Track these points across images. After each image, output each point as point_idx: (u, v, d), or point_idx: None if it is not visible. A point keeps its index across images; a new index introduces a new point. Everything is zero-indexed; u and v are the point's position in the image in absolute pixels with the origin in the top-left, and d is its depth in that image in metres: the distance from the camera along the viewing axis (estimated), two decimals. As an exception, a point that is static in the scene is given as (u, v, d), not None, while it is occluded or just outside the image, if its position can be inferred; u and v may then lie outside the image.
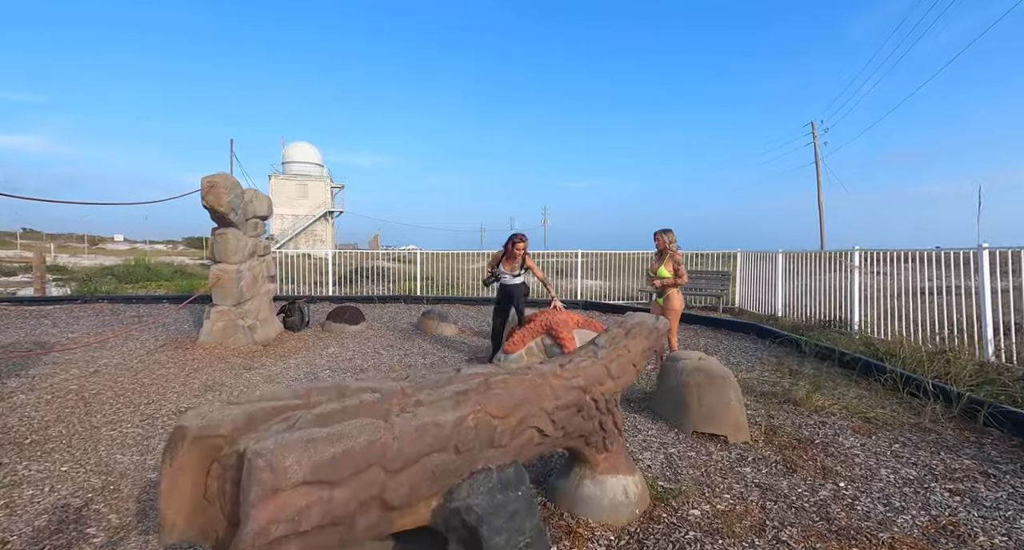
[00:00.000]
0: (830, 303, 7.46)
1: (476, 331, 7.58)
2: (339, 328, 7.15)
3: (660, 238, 5.21)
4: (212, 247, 6.50)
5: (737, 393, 3.57)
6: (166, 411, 3.85)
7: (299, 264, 11.54)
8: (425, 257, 11.53)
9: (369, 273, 12.73)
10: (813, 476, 2.87)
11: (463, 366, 1.89)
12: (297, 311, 7.27)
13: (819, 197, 30.10)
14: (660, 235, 5.21)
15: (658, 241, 5.24)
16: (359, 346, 6.32)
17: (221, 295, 6.37)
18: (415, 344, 6.50)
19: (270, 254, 7.29)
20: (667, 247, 5.15)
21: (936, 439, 3.43)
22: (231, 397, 1.27)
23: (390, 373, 5.05)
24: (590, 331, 5.08)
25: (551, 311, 5.09)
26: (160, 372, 4.97)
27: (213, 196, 6.16)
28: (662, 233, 5.22)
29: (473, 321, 8.57)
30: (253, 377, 4.84)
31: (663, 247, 5.20)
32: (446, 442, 1.45)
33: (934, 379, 4.27)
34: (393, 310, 9.69)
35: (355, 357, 5.74)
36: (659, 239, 5.22)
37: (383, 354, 5.90)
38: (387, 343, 6.54)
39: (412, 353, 5.97)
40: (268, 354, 5.85)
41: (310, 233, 42.09)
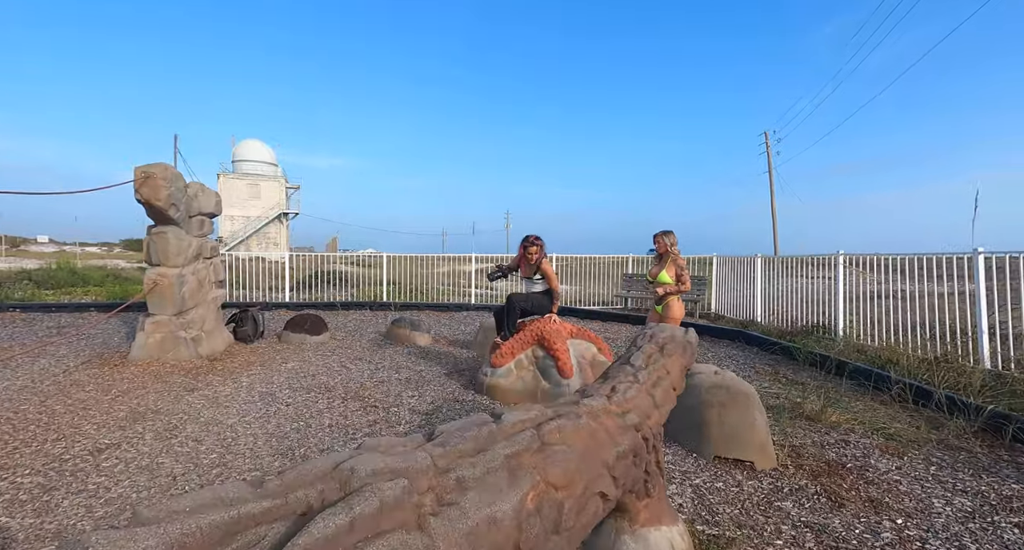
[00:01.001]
0: (812, 308, 7.35)
1: (451, 340, 7.01)
2: (299, 339, 6.42)
3: (661, 240, 4.84)
4: (148, 248, 5.67)
5: (762, 412, 3.20)
6: (80, 450, 3.11)
7: (251, 268, 10.59)
8: (392, 260, 10.84)
9: (329, 278, 11.89)
10: (864, 511, 2.51)
11: (505, 413, 1.38)
12: (250, 320, 6.49)
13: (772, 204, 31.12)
14: (661, 237, 4.84)
15: (659, 244, 4.86)
16: (323, 360, 5.64)
17: (159, 303, 5.55)
18: (386, 356, 5.87)
19: (218, 256, 6.48)
20: (669, 250, 4.79)
21: (969, 459, 3.18)
22: (144, 506, 0.61)
23: (361, 392, 4.43)
24: (584, 341, 4.65)
25: (543, 320, 4.62)
26: (78, 396, 4.16)
27: (149, 189, 5.35)
28: (663, 235, 4.85)
29: (447, 329, 7.99)
30: (196, 401, 4.11)
31: (664, 250, 4.83)
32: (505, 545, 0.94)
33: (945, 389, 4.07)
34: (358, 318, 8.96)
35: (319, 373, 5.07)
36: (660, 241, 4.85)
37: (351, 369, 5.25)
38: (354, 355, 5.88)
39: (384, 367, 5.35)
40: (216, 370, 5.09)
41: (263, 236, 40.03)
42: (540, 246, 4.64)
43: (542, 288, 4.71)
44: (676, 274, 4.73)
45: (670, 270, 4.75)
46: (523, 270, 4.80)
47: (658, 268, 4.88)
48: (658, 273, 4.82)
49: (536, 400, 4.29)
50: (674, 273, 4.74)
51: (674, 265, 4.75)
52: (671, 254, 4.80)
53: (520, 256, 4.77)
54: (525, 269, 4.76)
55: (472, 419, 1.30)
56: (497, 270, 4.93)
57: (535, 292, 4.71)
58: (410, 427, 3.63)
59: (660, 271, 4.79)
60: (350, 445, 3.26)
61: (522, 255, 4.71)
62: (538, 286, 4.72)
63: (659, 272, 4.81)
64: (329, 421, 3.71)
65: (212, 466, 2.91)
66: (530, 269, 4.71)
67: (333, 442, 3.31)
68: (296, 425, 3.61)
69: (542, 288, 4.71)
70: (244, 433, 3.44)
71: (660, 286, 4.78)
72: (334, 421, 3.71)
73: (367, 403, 4.15)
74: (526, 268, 4.75)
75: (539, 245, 4.64)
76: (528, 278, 4.73)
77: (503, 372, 4.47)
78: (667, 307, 4.75)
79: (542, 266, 4.62)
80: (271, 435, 3.41)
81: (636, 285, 10.47)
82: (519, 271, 4.85)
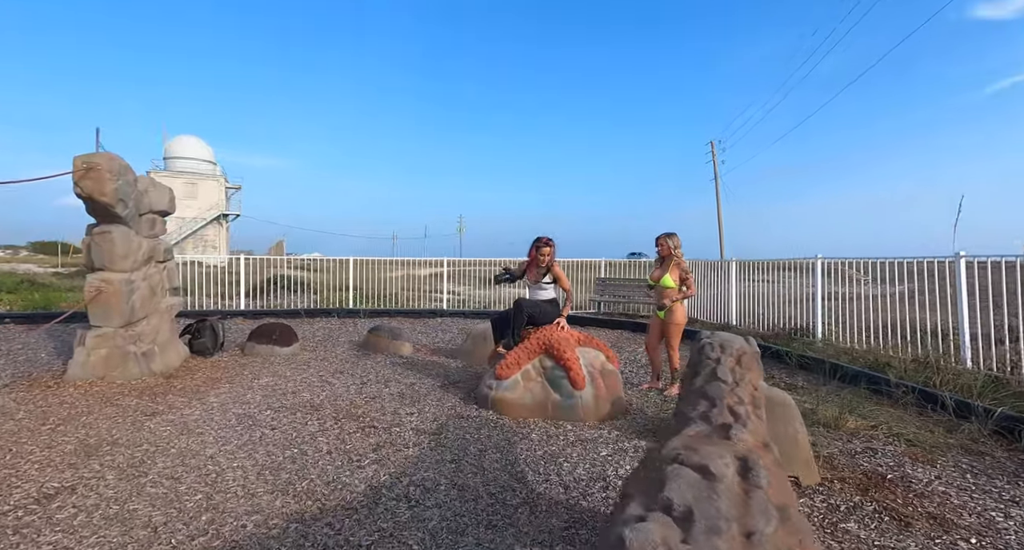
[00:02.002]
0: (790, 311, 7.51)
1: (433, 348, 6.60)
2: (266, 351, 5.80)
3: (664, 243, 4.70)
4: (89, 251, 4.93)
5: (802, 424, 3.07)
6: (21, 498, 2.52)
7: (187, 273, 9.65)
8: (358, 264, 10.21)
9: (283, 283, 11.08)
10: (933, 531, 2.40)
11: (708, 464, 1.08)
12: (208, 331, 5.81)
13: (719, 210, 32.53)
14: (664, 239, 4.70)
15: (662, 246, 4.72)
16: (299, 374, 5.09)
17: (104, 313, 4.83)
18: (369, 368, 5.40)
19: (172, 260, 5.76)
20: (672, 253, 4.66)
21: (995, 464, 3.18)
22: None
23: (353, 410, 3.97)
24: (592, 349, 4.41)
25: (550, 327, 4.34)
26: (7, 428, 3.47)
27: (92, 182, 4.65)
28: (666, 237, 4.72)
29: (424, 336, 7.55)
30: (161, 428, 3.53)
31: (667, 253, 4.69)
32: None
33: (950, 392, 4.15)
34: (325, 326, 8.32)
35: (300, 389, 4.54)
36: (663, 244, 4.71)
37: (334, 383, 4.75)
38: (334, 368, 5.36)
39: (371, 381, 4.88)
40: (176, 390, 4.45)
41: (200, 238, 37.44)
42: (553, 247, 4.38)
43: (550, 296, 4.45)
44: (680, 278, 4.61)
45: (673, 274, 4.63)
46: (531, 274, 4.51)
47: (660, 272, 4.74)
48: (661, 277, 4.68)
49: (547, 414, 4.01)
50: (678, 277, 4.62)
51: (678, 268, 4.63)
52: (674, 257, 4.68)
53: (530, 259, 4.49)
54: (534, 273, 4.48)
55: (684, 477, 1.00)
56: (505, 272, 4.63)
57: (542, 300, 4.43)
58: (420, 450, 3.25)
59: (663, 275, 4.65)
60: (358, 475, 2.85)
61: (533, 257, 4.43)
62: (546, 293, 4.44)
63: (662, 276, 4.67)
64: (327, 446, 3.26)
65: (199, 511, 2.42)
66: (540, 272, 4.43)
67: (338, 472, 2.88)
68: (289, 453, 3.14)
69: (550, 296, 4.45)
70: (229, 466, 2.93)
71: (663, 291, 4.65)
72: (332, 446, 3.27)
73: (364, 423, 3.71)
74: (535, 272, 4.47)
75: (553, 246, 4.38)
76: (536, 283, 4.45)
77: (509, 384, 4.16)
78: (671, 312, 4.62)
79: (554, 269, 4.36)
80: (262, 467, 2.93)
81: (609, 289, 10.42)
82: (526, 275, 4.56)
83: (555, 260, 4.41)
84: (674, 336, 4.67)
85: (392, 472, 2.91)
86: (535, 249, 4.40)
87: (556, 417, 3.96)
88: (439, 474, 2.90)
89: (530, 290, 4.55)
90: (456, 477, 2.87)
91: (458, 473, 2.92)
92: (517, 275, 4.61)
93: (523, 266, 4.62)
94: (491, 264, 11.54)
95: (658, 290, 4.71)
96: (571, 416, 3.96)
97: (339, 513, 2.43)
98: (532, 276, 4.48)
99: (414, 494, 2.65)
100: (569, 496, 2.68)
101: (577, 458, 3.19)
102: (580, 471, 3.00)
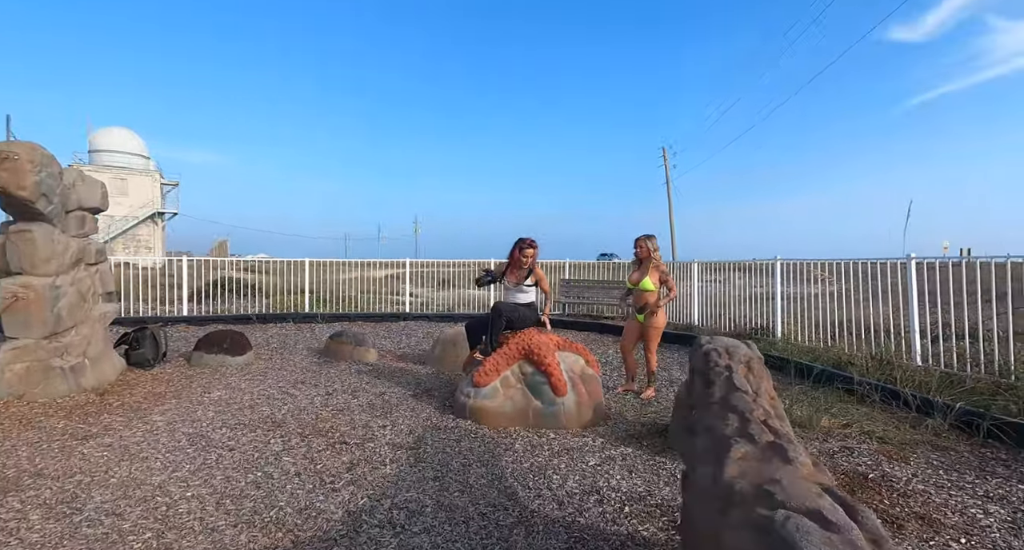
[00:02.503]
0: (751, 312, 7.73)
1: (399, 354, 6.31)
2: (217, 361, 5.33)
3: (643, 245, 4.65)
4: (5, 252, 4.34)
5: (792, 426, 3.07)
6: (-73, 548, 2.11)
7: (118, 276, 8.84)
8: (314, 267, 9.67)
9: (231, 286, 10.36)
10: (924, 532, 2.43)
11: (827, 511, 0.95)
12: (149, 340, 5.28)
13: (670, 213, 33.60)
14: (644, 241, 4.66)
15: (641, 248, 4.68)
16: (256, 386, 4.69)
17: (22, 322, 4.27)
18: (333, 377, 5.06)
19: (106, 262, 5.18)
20: (651, 255, 4.63)
21: (963, 459, 3.30)
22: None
23: (319, 424, 3.67)
24: (572, 354, 4.29)
25: (529, 331, 4.20)
26: (-94, 459, 2.95)
27: (9, 173, 4.12)
28: (645, 239, 4.67)
29: (388, 342, 7.22)
30: (96, 453, 3.11)
31: (646, 255, 4.65)
32: None
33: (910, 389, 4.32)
34: (280, 332, 7.80)
35: (258, 402, 4.17)
36: (642, 246, 4.66)
37: (297, 395, 4.40)
38: (295, 378, 4.98)
39: (337, 391, 4.56)
40: (112, 408, 3.98)
41: (131, 238, 34.84)
42: (537, 249, 4.24)
43: (528, 298, 4.30)
44: (661, 280, 4.59)
45: (653, 276, 4.59)
46: (512, 276, 4.35)
47: (639, 274, 4.69)
48: (640, 279, 4.63)
49: (528, 422, 3.86)
50: (658, 279, 4.59)
51: (657, 271, 4.61)
52: (653, 259, 4.65)
53: (511, 260, 4.32)
54: (515, 274, 4.32)
55: (813, 536, 0.86)
56: (486, 274, 4.44)
57: (521, 303, 4.28)
58: (398, 467, 3.02)
59: (643, 277, 4.61)
60: (333, 499, 2.60)
61: (515, 258, 4.27)
62: (525, 295, 4.30)
63: (641, 278, 4.63)
64: (294, 467, 2.97)
65: (151, 553, 2.10)
66: (522, 274, 4.27)
67: (310, 497, 2.61)
68: (252, 477, 2.83)
69: (528, 298, 4.30)
70: (182, 496, 2.60)
71: (644, 293, 4.61)
72: (300, 466, 2.98)
73: (333, 439, 3.43)
74: (517, 273, 4.31)
75: (536, 248, 4.24)
76: (517, 285, 4.29)
77: (488, 392, 3.98)
78: (652, 315, 4.58)
79: (536, 271, 4.22)
80: (222, 495, 2.62)
81: (574, 290, 10.41)
82: (506, 277, 4.40)
83: (537, 261, 4.28)
84: (653, 339, 4.64)
85: (371, 494, 2.67)
86: (518, 250, 4.25)
87: (537, 425, 3.82)
88: (423, 494, 2.69)
89: (508, 292, 4.39)
90: (442, 497, 2.66)
91: (443, 492, 2.72)
92: (498, 277, 4.44)
93: (503, 267, 4.45)
94: (454, 266, 11.29)
95: (637, 293, 4.66)
96: (553, 423, 3.83)
97: (316, 545, 2.18)
98: (513, 278, 4.33)
99: (398, 518, 2.42)
100: (565, 513, 2.54)
101: (566, 469, 3.06)
102: (571, 484, 2.87)
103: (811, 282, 6.39)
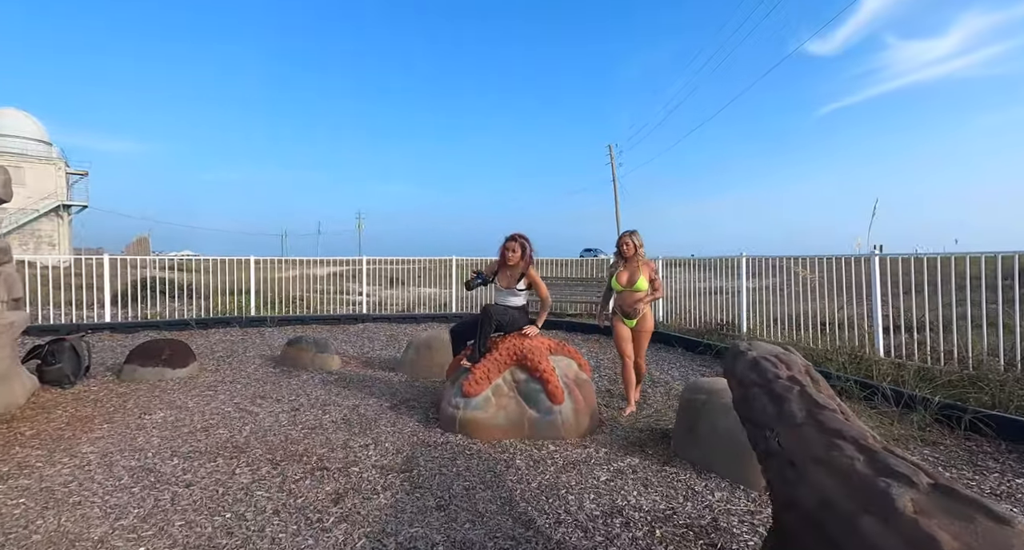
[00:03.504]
0: (716, 308, 7.85)
1: (364, 360, 5.83)
2: (154, 375, 4.64)
3: (629, 241, 4.35)
4: None
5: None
6: None
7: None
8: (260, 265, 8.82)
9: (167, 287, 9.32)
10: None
11: None
12: (67, 353, 4.51)
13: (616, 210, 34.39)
14: (629, 237, 4.34)
15: (626, 245, 4.33)
16: (207, 403, 4.09)
17: (-98, 337, 3.47)
18: (297, 390, 4.54)
19: (11, 262, 4.34)
20: (637, 252, 4.39)
21: (954, 454, 3.36)
22: None
23: (290, 447, 3.20)
24: (565, 357, 4.05)
25: (519, 335, 3.91)
26: None
27: None
28: (630, 235, 4.38)
29: (349, 346, 6.68)
30: (8, 501, 2.51)
31: (632, 252, 4.41)
32: None
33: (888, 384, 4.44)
34: (226, 338, 7.02)
35: (212, 424, 3.61)
36: (627, 242, 4.33)
37: (258, 413, 3.87)
38: (252, 392, 4.42)
39: (304, 406, 4.07)
40: (26, 438, 3.30)
41: (30, 233, 31.09)
42: (528, 246, 3.92)
43: (520, 302, 4.00)
44: (650, 278, 4.40)
45: (644, 274, 4.39)
46: (502, 278, 4.03)
47: (629, 273, 4.47)
48: (632, 279, 4.40)
49: (523, 433, 3.59)
50: (648, 278, 4.40)
51: (648, 268, 4.41)
52: (639, 256, 4.44)
53: (500, 260, 4.00)
54: (506, 277, 4.00)
55: None
56: (477, 276, 4.08)
57: (512, 307, 3.98)
58: (393, 496, 2.66)
59: (636, 277, 4.35)
60: (324, 541, 2.21)
61: (503, 259, 3.95)
62: (517, 299, 3.99)
63: (633, 278, 4.39)
64: (271, 504, 2.53)
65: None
66: (513, 277, 3.96)
67: (297, 542, 2.20)
68: (221, 520, 2.37)
69: (520, 302, 4.00)
70: (134, 552, 2.11)
71: (635, 294, 4.39)
72: (277, 502, 2.55)
73: (311, 464, 3.00)
74: (507, 275, 3.99)
75: (525, 245, 3.90)
76: (509, 289, 3.97)
77: (479, 402, 3.67)
78: (644, 319, 4.36)
79: (530, 273, 3.92)
80: (185, 547, 2.15)
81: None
82: (497, 279, 4.07)
83: (532, 262, 3.96)
84: (644, 344, 4.39)
85: (368, 531, 2.30)
86: (504, 249, 3.93)
87: (534, 436, 3.56)
88: (429, 528, 2.35)
89: (498, 295, 4.07)
90: (451, 530, 2.34)
91: (452, 524, 2.39)
92: (490, 279, 4.10)
93: (494, 268, 4.13)
94: (413, 263, 10.78)
95: (627, 294, 4.35)
96: (550, 433, 3.58)
97: (317, 607, 1.80)
98: (504, 281, 4.01)
99: (409, 562, 2.08)
100: (594, 542, 2.29)
101: (578, 487, 2.82)
102: (589, 505, 2.63)
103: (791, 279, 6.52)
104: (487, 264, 4.29)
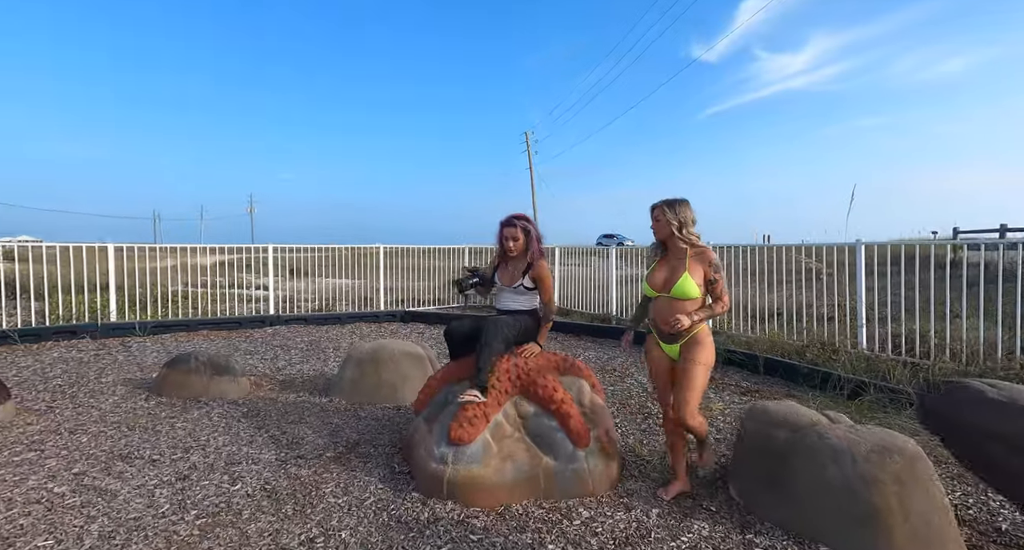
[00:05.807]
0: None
1: (280, 380, 4.39)
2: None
3: (660, 215, 2.42)
4: None
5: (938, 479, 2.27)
6: None
7: None
8: (122, 253, 6.67)
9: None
10: None
11: None
12: None
13: (533, 198, 34.13)
14: (666, 207, 2.40)
15: (660, 222, 2.42)
16: (23, 474, 2.54)
17: None
18: (184, 438, 3.08)
19: None
20: (678, 235, 2.38)
21: None
22: None
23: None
24: (575, 378, 3.06)
25: (520, 356, 2.86)
26: None
27: None
28: (666, 205, 2.41)
29: (257, 360, 5.12)
30: None
31: (668, 234, 2.41)
32: None
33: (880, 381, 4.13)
34: (68, 356, 5.05)
35: (25, 527, 2.14)
36: (661, 215, 2.41)
37: (117, 490, 2.41)
38: (110, 448, 2.88)
39: (197, 467, 2.66)
40: None
41: None
42: (530, 230, 2.83)
43: (528, 305, 2.93)
44: (706, 280, 2.37)
45: (696, 273, 2.36)
46: (503, 273, 2.94)
47: (667, 272, 2.44)
48: (672, 280, 2.38)
49: (538, 492, 2.56)
50: (703, 278, 2.37)
51: (700, 263, 2.38)
52: (686, 240, 2.39)
53: (499, 251, 2.90)
54: (507, 272, 2.91)
55: None
56: (471, 275, 2.95)
57: (521, 311, 2.91)
58: None
59: (678, 276, 2.36)
60: None
61: (503, 249, 2.85)
62: (523, 301, 2.92)
63: (674, 278, 2.38)
64: None
65: None
66: (516, 270, 2.88)
67: None
68: None
69: (528, 305, 2.93)
70: None
71: (675, 304, 2.37)
72: None
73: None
74: (508, 270, 2.91)
75: (527, 228, 2.81)
76: (511, 286, 2.89)
77: (476, 452, 2.58)
78: (694, 345, 2.38)
79: (538, 266, 2.83)
80: None
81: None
82: (497, 276, 2.97)
83: (542, 253, 2.89)
84: (695, 385, 2.38)
85: None
86: (501, 235, 2.84)
87: (553, 495, 2.56)
88: None
89: (501, 294, 2.98)
90: None
91: None
92: (488, 277, 2.98)
93: (494, 262, 3.01)
94: (332, 252, 9.11)
95: (663, 304, 2.44)
96: (576, 489, 2.59)
97: None
98: (506, 276, 2.92)
99: None
100: None
101: (658, 590, 1.88)
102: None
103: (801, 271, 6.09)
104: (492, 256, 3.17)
